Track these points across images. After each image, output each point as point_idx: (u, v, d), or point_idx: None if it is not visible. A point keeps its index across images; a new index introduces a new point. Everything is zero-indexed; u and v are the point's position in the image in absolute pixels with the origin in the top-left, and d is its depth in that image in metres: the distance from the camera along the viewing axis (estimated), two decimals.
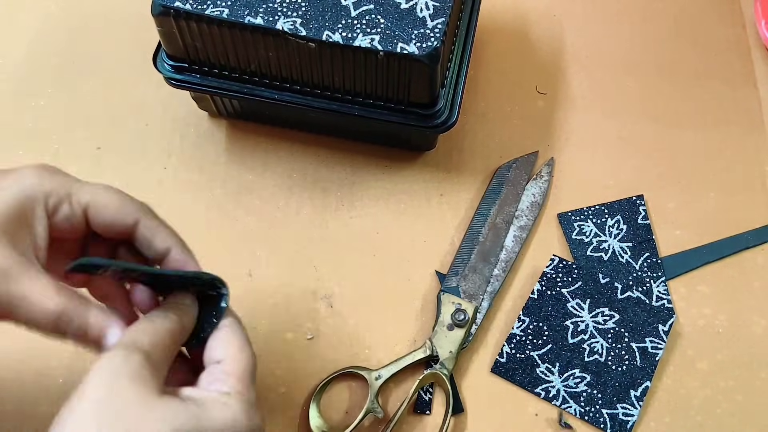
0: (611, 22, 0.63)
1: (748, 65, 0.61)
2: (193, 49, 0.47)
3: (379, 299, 0.51)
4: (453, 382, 0.48)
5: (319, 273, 0.52)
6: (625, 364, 0.48)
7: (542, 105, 0.59)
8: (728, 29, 0.63)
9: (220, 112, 0.56)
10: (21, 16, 0.61)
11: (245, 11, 0.44)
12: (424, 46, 0.43)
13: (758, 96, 0.60)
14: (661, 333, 0.49)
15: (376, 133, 0.55)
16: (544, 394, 0.48)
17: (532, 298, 0.51)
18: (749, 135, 0.58)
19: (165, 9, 0.44)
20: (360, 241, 0.53)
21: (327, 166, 0.56)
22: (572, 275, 0.51)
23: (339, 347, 0.49)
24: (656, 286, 0.51)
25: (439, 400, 0.48)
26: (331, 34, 0.44)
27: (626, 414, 0.47)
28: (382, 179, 0.55)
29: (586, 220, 0.54)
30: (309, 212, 0.54)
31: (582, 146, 0.57)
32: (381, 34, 0.44)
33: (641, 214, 0.54)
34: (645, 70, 0.61)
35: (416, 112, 0.48)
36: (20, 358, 0.48)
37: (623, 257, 0.52)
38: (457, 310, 0.49)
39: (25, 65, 0.59)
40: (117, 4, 0.62)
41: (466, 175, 0.56)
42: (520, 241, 0.53)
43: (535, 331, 0.50)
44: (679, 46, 0.62)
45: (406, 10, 0.44)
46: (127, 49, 0.60)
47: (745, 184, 0.56)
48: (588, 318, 0.50)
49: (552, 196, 0.55)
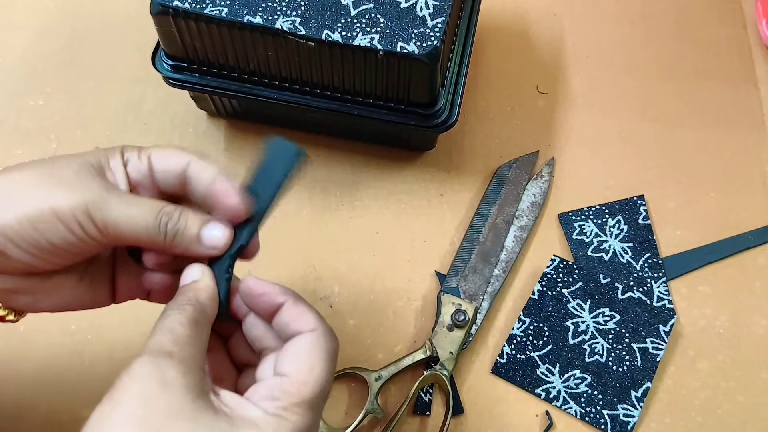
0: (611, 22, 0.63)
1: (748, 65, 0.61)
2: (192, 48, 0.47)
3: (379, 299, 0.51)
4: (453, 382, 0.48)
5: (319, 273, 0.52)
6: (626, 365, 0.48)
7: (543, 105, 0.59)
8: (729, 29, 0.63)
9: (219, 111, 0.55)
10: (20, 16, 0.61)
11: (244, 10, 0.44)
12: (423, 45, 0.43)
13: (759, 96, 0.60)
14: (662, 333, 0.49)
15: (375, 132, 0.54)
16: (545, 395, 0.48)
17: (532, 299, 0.50)
18: (750, 135, 0.58)
19: (164, 8, 0.44)
20: (360, 241, 0.53)
21: (327, 166, 0.55)
22: (573, 276, 0.51)
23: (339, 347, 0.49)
24: (657, 286, 0.51)
25: (439, 401, 0.48)
26: (330, 34, 0.43)
27: (627, 415, 0.47)
28: (382, 179, 0.55)
29: (587, 220, 0.54)
30: (309, 212, 0.54)
31: (582, 146, 0.57)
32: (381, 33, 0.43)
33: (642, 214, 0.54)
34: (645, 69, 0.61)
35: (416, 111, 0.48)
36: (20, 357, 0.48)
37: (624, 257, 0.52)
38: (457, 310, 0.48)
39: (23, 64, 0.59)
40: (116, 4, 0.61)
41: (466, 175, 0.56)
42: (521, 241, 0.53)
43: (536, 332, 0.49)
44: (679, 46, 0.62)
45: (405, 9, 0.44)
46: (126, 49, 0.60)
47: (746, 184, 0.56)
48: (589, 318, 0.50)
49: (552, 196, 0.55)
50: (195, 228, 0.33)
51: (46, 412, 0.46)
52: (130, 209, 0.32)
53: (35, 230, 0.30)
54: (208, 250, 0.34)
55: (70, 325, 0.49)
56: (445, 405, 0.47)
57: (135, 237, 0.32)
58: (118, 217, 0.32)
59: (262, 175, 0.35)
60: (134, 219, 0.32)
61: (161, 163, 0.34)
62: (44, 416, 0.46)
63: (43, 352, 0.48)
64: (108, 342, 0.49)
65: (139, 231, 0.32)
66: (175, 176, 0.34)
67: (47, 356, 0.48)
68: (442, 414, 0.47)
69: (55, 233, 0.31)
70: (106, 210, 0.31)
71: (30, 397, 0.47)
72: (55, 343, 0.49)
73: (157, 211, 0.33)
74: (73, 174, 0.32)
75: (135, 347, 0.48)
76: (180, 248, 0.34)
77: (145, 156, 0.35)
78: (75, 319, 0.49)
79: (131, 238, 0.32)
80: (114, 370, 0.47)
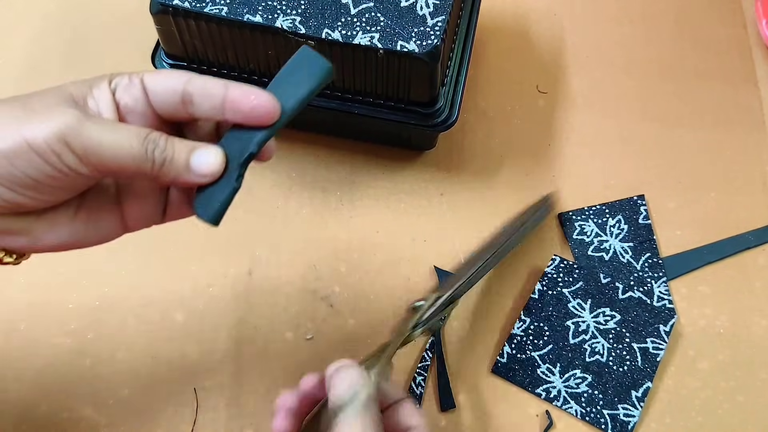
0: (611, 22, 0.63)
1: (748, 65, 0.61)
2: (191, 47, 0.47)
3: (379, 299, 0.51)
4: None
5: (319, 273, 0.52)
6: (626, 365, 0.48)
7: (543, 104, 0.59)
8: (729, 29, 0.63)
9: None
10: (20, 17, 0.61)
11: (244, 9, 0.44)
12: (424, 44, 0.43)
13: (759, 95, 0.60)
14: (662, 333, 0.49)
15: (376, 132, 0.54)
16: (545, 394, 0.48)
17: (533, 298, 0.50)
18: (750, 135, 0.58)
19: (164, 7, 0.44)
20: (360, 240, 0.53)
21: (327, 166, 0.55)
22: (573, 275, 0.51)
23: (339, 347, 0.49)
24: (657, 286, 0.51)
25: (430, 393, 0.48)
26: (330, 32, 0.43)
27: (627, 415, 0.47)
28: (382, 179, 0.55)
29: (587, 220, 0.54)
30: (309, 212, 0.54)
31: (582, 146, 0.57)
32: (381, 32, 0.43)
33: (642, 214, 0.54)
34: (645, 69, 0.61)
35: (416, 110, 0.48)
36: (20, 355, 0.48)
37: (624, 257, 0.52)
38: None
39: (24, 65, 0.59)
40: (116, 3, 0.62)
41: (467, 174, 0.56)
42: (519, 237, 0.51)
43: (536, 332, 0.49)
44: (679, 46, 0.62)
45: (405, 8, 0.44)
46: (126, 48, 0.60)
47: (746, 184, 0.56)
48: (589, 318, 0.50)
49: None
50: (183, 154, 0.32)
51: (47, 412, 0.46)
52: (113, 135, 0.30)
53: (11, 165, 0.29)
54: (199, 178, 0.32)
55: (71, 323, 0.49)
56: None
57: (120, 166, 0.30)
58: (99, 144, 0.30)
59: (285, 81, 0.33)
60: (118, 145, 0.30)
61: (158, 85, 0.32)
62: (44, 415, 0.46)
63: (43, 350, 0.48)
64: (109, 341, 0.49)
65: (125, 159, 0.30)
66: (176, 94, 0.32)
67: (47, 355, 0.48)
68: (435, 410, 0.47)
69: (32, 166, 0.29)
70: (85, 136, 0.29)
71: (30, 396, 0.47)
72: (55, 342, 0.48)
73: (143, 138, 0.31)
74: (49, 105, 0.30)
75: (135, 346, 0.49)
76: (169, 177, 0.32)
77: (137, 78, 0.32)
78: (75, 317, 0.49)
79: (116, 168, 0.31)
80: (114, 369, 0.48)
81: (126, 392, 0.47)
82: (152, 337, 0.49)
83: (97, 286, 0.50)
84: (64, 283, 0.50)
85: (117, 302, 0.50)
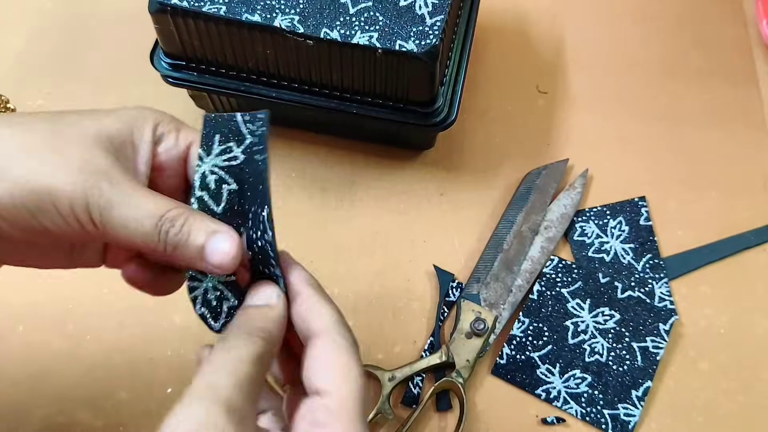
0: (611, 22, 0.63)
1: (749, 64, 0.61)
2: (190, 46, 0.47)
3: (379, 299, 0.51)
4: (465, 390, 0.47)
5: (319, 273, 0.51)
6: (626, 364, 0.48)
7: (543, 104, 0.59)
8: (729, 28, 0.63)
9: (217, 110, 0.55)
10: (16, 15, 0.61)
11: (242, 8, 0.43)
12: (422, 43, 0.43)
13: (760, 95, 0.59)
14: (662, 332, 0.49)
15: (375, 131, 0.54)
16: (545, 395, 0.48)
17: (531, 299, 0.50)
18: (751, 134, 0.58)
19: (162, 6, 0.44)
20: (360, 240, 0.53)
21: (326, 166, 0.55)
22: (572, 275, 0.51)
23: None
24: (659, 287, 0.51)
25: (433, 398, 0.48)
26: (329, 32, 0.43)
27: (628, 414, 0.47)
28: (381, 179, 0.55)
29: (588, 221, 0.53)
30: (308, 212, 0.54)
31: (583, 146, 0.57)
32: (379, 31, 0.43)
33: (643, 215, 0.54)
34: (646, 69, 0.61)
35: (415, 110, 0.48)
36: (17, 359, 0.48)
37: (625, 258, 0.52)
38: (477, 318, 0.48)
39: (21, 65, 0.59)
40: (114, 2, 0.61)
41: (466, 174, 0.55)
42: (547, 252, 0.51)
43: (535, 332, 0.49)
44: (680, 46, 0.62)
45: (404, 7, 0.44)
46: (124, 48, 0.59)
47: (746, 184, 0.56)
48: (588, 318, 0.50)
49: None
50: (200, 239, 0.29)
51: (43, 415, 0.46)
52: (135, 212, 0.28)
53: (28, 212, 0.27)
54: (213, 268, 0.29)
55: (67, 326, 0.49)
56: (458, 412, 0.47)
57: (131, 243, 0.29)
58: (117, 221, 0.28)
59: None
60: (132, 224, 0.28)
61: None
62: (40, 419, 0.46)
63: (39, 354, 0.48)
64: (105, 344, 0.48)
65: (136, 238, 0.28)
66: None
67: (44, 358, 0.48)
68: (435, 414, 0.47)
69: (49, 220, 0.28)
70: (106, 212, 0.28)
71: (26, 399, 0.47)
72: (52, 346, 0.48)
73: (158, 216, 0.28)
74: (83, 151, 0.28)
75: (132, 350, 0.48)
76: (182, 262, 0.29)
77: (185, 142, 0.31)
78: (72, 320, 0.49)
79: (125, 243, 0.29)
80: (111, 374, 0.47)
81: (123, 395, 0.47)
82: (150, 339, 0.49)
83: (95, 288, 0.50)
84: (61, 285, 0.50)
85: (114, 304, 0.49)
